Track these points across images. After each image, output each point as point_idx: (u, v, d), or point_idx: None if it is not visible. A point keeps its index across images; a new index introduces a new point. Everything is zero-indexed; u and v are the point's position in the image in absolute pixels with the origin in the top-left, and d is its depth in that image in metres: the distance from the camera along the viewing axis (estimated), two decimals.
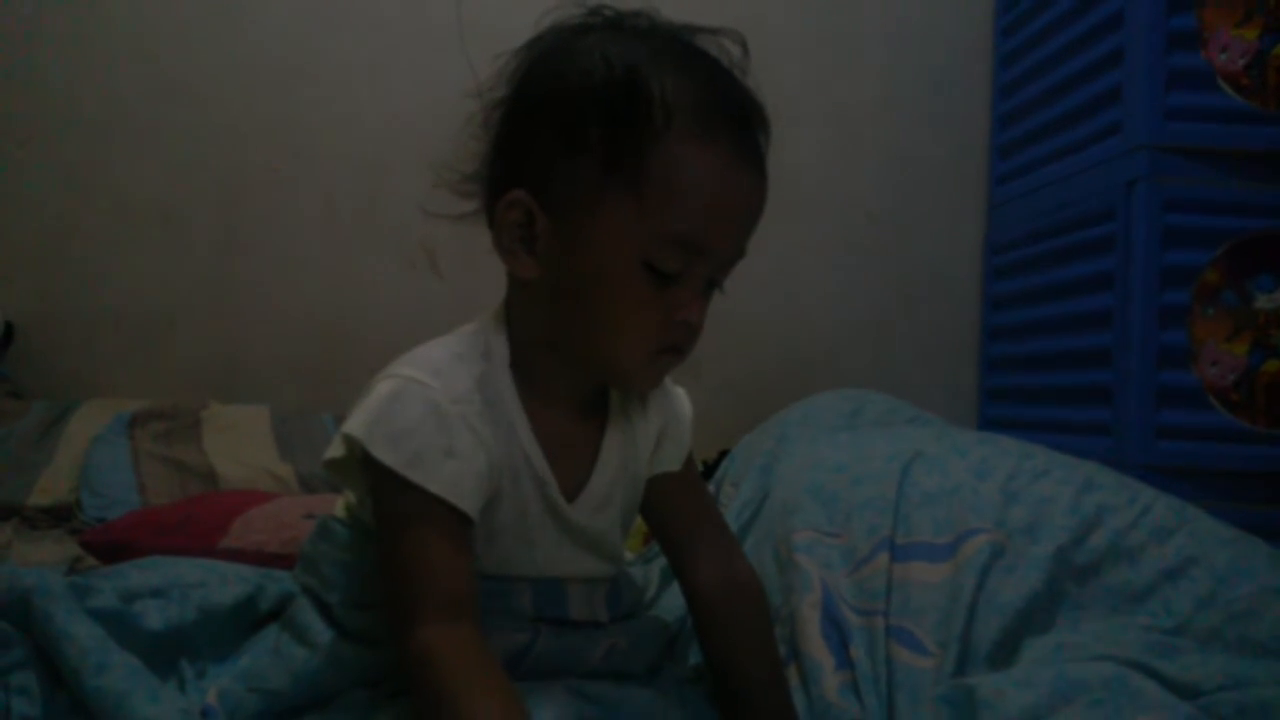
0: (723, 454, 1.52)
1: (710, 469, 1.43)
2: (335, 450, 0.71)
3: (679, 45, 0.70)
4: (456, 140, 0.74)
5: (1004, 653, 0.76)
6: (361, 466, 0.69)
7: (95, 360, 2.01)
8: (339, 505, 0.80)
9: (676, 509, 0.83)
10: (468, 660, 0.62)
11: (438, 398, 0.68)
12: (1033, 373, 1.91)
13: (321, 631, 0.74)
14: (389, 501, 0.67)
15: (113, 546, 1.17)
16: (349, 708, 0.72)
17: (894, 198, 2.15)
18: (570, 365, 0.73)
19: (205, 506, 1.28)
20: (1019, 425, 1.87)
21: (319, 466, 1.60)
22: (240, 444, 1.65)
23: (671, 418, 0.82)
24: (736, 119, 0.68)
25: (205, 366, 2.03)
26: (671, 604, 0.95)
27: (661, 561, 1.05)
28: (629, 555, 1.03)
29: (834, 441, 1.06)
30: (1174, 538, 0.81)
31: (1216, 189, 1.55)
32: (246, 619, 0.86)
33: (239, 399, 1.89)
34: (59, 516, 1.45)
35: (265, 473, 1.57)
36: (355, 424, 0.67)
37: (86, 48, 2.01)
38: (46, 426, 1.66)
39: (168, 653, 0.80)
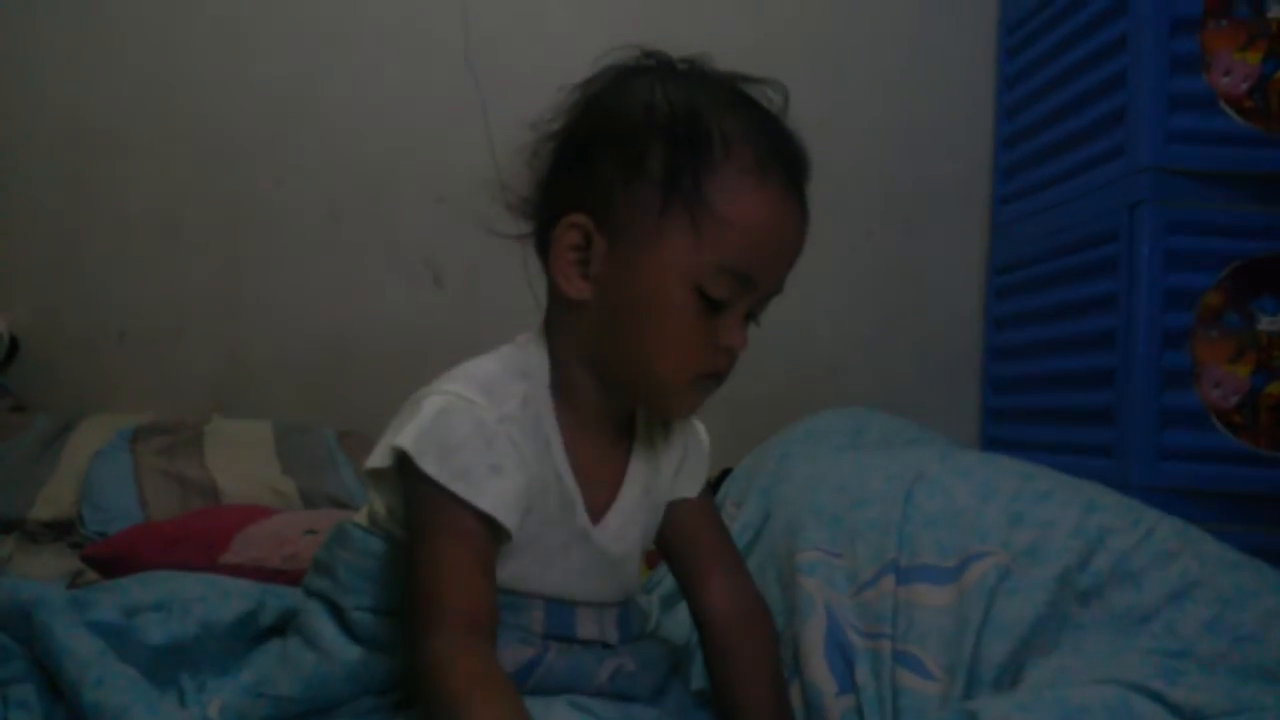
0: (725, 472, 1.52)
1: (713, 487, 1.43)
2: (379, 460, 0.72)
3: (732, 90, 0.74)
4: (514, 166, 0.77)
5: (1008, 676, 0.76)
6: (400, 479, 0.71)
7: (99, 375, 2.01)
8: (360, 513, 0.80)
9: (691, 534, 0.84)
10: (478, 673, 0.63)
11: (485, 415, 0.70)
12: (1035, 393, 1.91)
13: (333, 637, 0.75)
14: (428, 514, 0.69)
15: (113, 560, 1.17)
16: (356, 716, 0.72)
17: (897, 217, 2.16)
18: (609, 387, 0.76)
19: (206, 521, 1.28)
20: (1022, 446, 1.86)
21: (321, 481, 1.62)
22: (242, 459, 1.65)
23: (692, 446, 0.85)
24: (787, 159, 0.72)
25: (209, 381, 2.03)
26: (672, 631, 0.95)
27: (662, 590, 1.05)
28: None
29: (837, 461, 1.05)
30: (1178, 560, 0.81)
31: (1220, 211, 1.55)
32: (247, 634, 0.86)
33: (242, 413, 1.89)
34: (60, 530, 1.45)
35: (267, 488, 1.57)
36: (405, 438, 0.68)
37: (93, 64, 2.03)
38: (49, 440, 1.66)
39: (168, 667, 0.80)
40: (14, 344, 1.92)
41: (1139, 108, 1.58)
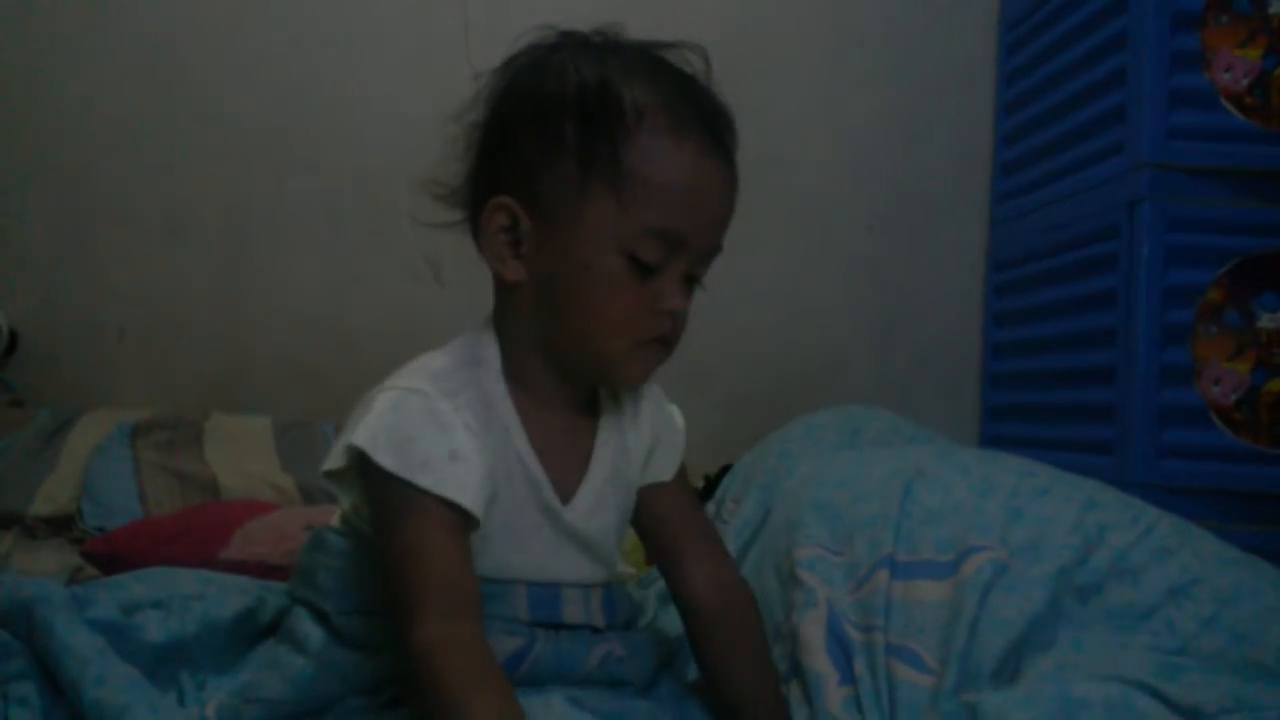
0: (725, 469, 1.52)
1: (713, 484, 1.43)
2: (335, 461, 0.72)
3: (645, 57, 0.75)
4: (443, 156, 0.79)
5: (1006, 671, 0.76)
6: (360, 476, 0.71)
7: (99, 370, 2.01)
8: (335, 516, 0.80)
9: (668, 518, 0.84)
10: (469, 661, 0.63)
11: (436, 404, 0.70)
12: (1035, 390, 1.91)
13: (320, 640, 0.75)
14: (393, 507, 0.68)
15: (113, 556, 1.17)
16: (346, 716, 0.72)
17: (896, 213, 2.15)
18: (560, 366, 0.76)
19: (206, 517, 1.28)
20: (1021, 443, 1.86)
21: (321, 478, 1.62)
22: (242, 454, 1.65)
23: (665, 429, 0.84)
24: (704, 117, 0.73)
25: (209, 376, 2.03)
26: (668, 625, 0.95)
27: (658, 585, 1.05)
28: (629, 568, 1.03)
29: (836, 459, 1.06)
30: (1176, 557, 0.81)
31: (1220, 208, 1.55)
32: (247, 631, 0.86)
33: (243, 409, 1.89)
34: (60, 526, 1.45)
35: (267, 483, 1.57)
36: (359, 435, 0.68)
37: (94, 57, 2.02)
38: (49, 435, 1.66)
39: (168, 665, 0.80)
40: (14, 338, 1.92)
41: (1139, 104, 1.58)
